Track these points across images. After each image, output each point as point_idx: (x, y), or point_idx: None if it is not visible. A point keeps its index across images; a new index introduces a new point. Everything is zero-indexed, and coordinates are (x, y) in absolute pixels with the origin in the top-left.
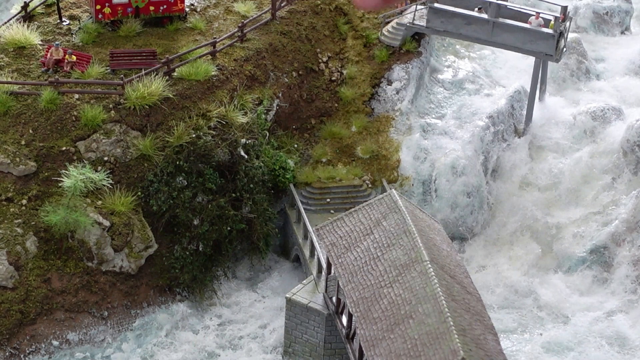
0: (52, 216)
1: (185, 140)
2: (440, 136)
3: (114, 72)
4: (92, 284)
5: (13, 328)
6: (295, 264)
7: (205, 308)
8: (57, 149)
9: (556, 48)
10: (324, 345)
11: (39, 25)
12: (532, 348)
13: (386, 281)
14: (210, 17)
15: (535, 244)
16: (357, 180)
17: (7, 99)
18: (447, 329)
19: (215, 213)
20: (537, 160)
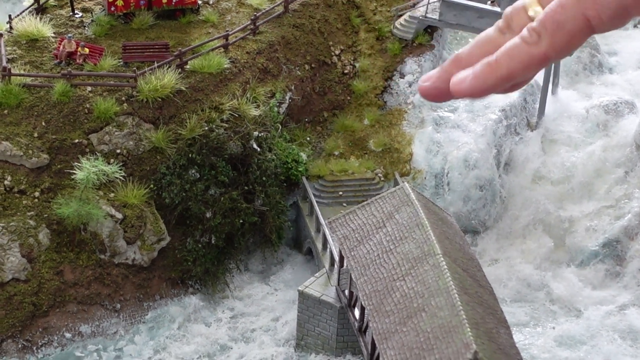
0: (64, 208)
1: (198, 133)
2: (452, 129)
3: (127, 64)
4: (104, 277)
5: (25, 320)
6: (307, 257)
7: (217, 301)
8: (69, 142)
9: None
10: (336, 338)
11: (51, 17)
12: (544, 341)
13: (399, 274)
14: (223, 9)
15: (547, 238)
16: (369, 174)
17: (20, 91)
18: (460, 322)
19: (228, 206)
20: (550, 153)
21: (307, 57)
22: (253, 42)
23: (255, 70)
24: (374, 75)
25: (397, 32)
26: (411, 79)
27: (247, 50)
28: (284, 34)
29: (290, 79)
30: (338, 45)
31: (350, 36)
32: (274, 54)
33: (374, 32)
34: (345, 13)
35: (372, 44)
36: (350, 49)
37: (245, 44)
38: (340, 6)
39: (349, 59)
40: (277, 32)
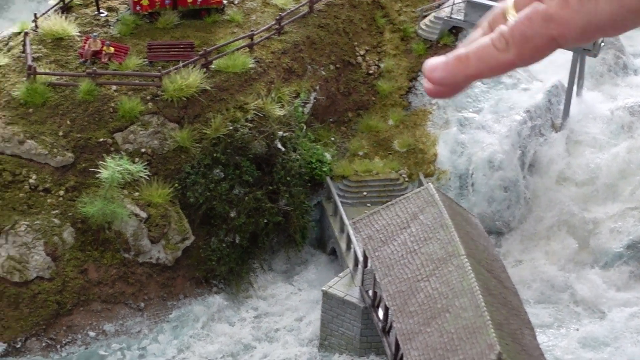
0: (89, 207)
1: (223, 133)
2: (477, 130)
3: (152, 64)
4: (128, 275)
5: (50, 319)
6: (331, 257)
7: (241, 300)
8: (94, 140)
9: (594, 43)
10: (359, 338)
11: (76, 16)
12: (568, 343)
13: (423, 275)
14: (248, 9)
15: (572, 239)
16: (393, 174)
17: (45, 89)
18: (484, 323)
19: (252, 205)
20: (574, 155)
21: (331, 57)
22: (278, 42)
23: (280, 70)
24: (399, 76)
25: (422, 32)
26: None
27: (272, 50)
28: (309, 34)
29: (315, 79)
30: (363, 45)
31: (375, 36)
32: (299, 54)
33: (399, 32)
34: (370, 13)
35: (397, 44)
36: (375, 49)
37: (270, 44)
38: (365, 6)
39: (374, 60)
40: (302, 32)
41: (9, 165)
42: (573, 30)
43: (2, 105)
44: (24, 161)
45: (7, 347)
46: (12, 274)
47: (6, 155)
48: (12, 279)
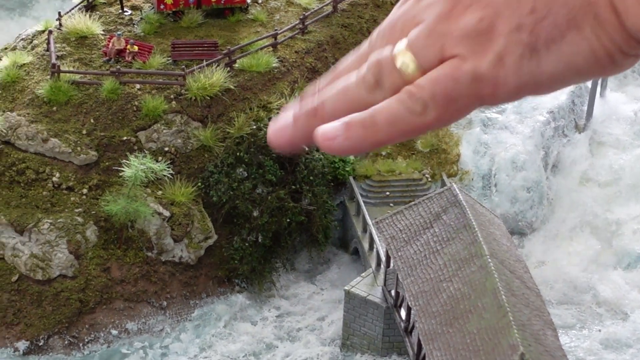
0: (112, 206)
1: (246, 132)
2: (500, 131)
3: (176, 62)
4: (151, 274)
5: (72, 317)
6: (354, 257)
7: (263, 299)
8: (118, 139)
9: None
10: (382, 338)
11: (100, 15)
12: (590, 344)
13: (446, 275)
14: (272, 9)
15: (594, 240)
16: (416, 174)
17: (69, 88)
18: (507, 324)
19: (275, 205)
20: (598, 156)
21: None
22: (302, 41)
23: (303, 69)
24: None
25: None
26: None
27: (296, 49)
28: (332, 34)
29: None
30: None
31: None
32: (323, 53)
33: None
34: None
35: None
36: None
37: (293, 43)
38: (389, 6)
39: None
40: (325, 32)
41: (32, 163)
42: (506, 90)
43: (26, 104)
44: (47, 159)
45: (30, 344)
46: (35, 272)
47: (30, 154)
48: (35, 277)
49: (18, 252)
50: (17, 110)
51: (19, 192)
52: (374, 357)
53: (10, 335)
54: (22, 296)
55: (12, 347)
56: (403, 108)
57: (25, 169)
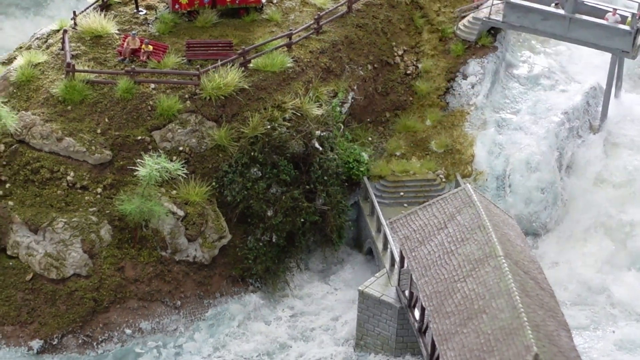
0: (126, 205)
1: (260, 132)
2: (515, 131)
3: (190, 62)
4: (165, 274)
5: (86, 316)
6: (368, 257)
7: (277, 299)
8: (132, 138)
9: (633, 45)
10: (395, 338)
11: (115, 14)
12: (604, 345)
13: (460, 275)
14: (287, 9)
15: (608, 241)
16: (431, 174)
17: (84, 87)
18: (521, 325)
19: (289, 204)
20: (612, 157)
21: (369, 57)
22: (316, 41)
23: (318, 69)
24: (437, 76)
25: (460, 33)
26: (474, 80)
27: (310, 49)
28: (347, 34)
29: (353, 79)
30: (401, 45)
31: (413, 37)
32: (337, 53)
33: (437, 32)
34: (409, 13)
35: (435, 44)
36: (413, 50)
37: (308, 43)
38: (404, 7)
39: (412, 60)
40: (340, 32)
41: (47, 162)
42: None
43: (40, 103)
44: (62, 158)
45: (44, 343)
46: (49, 271)
47: (44, 153)
48: (49, 275)
49: (32, 251)
50: (32, 110)
51: (33, 191)
52: (388, 357)
53: (25, 334)
54: (36, 295)
55: (26, 346)
56: None
57: (40, 168)
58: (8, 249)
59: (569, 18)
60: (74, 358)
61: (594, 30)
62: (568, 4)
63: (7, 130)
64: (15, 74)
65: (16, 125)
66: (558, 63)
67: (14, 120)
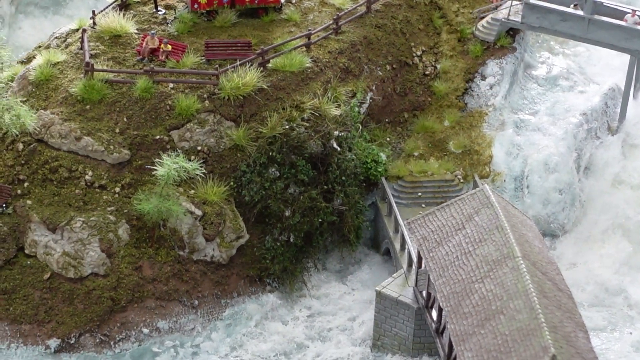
0: (144, 204)
1: (279, 132)
2: (533, 132)
3: (209, 62)
4: (183, 273)
5: (104, 315)
6: (385, 257)
7: (295, 299)
8: (150, 138)
9: None
10: (413, 339)
11: (134, 14)
12: (621, 347)
13: (477, 276)
14: (305, 9)
15: (626, 243)
16: (449, 175)
17: (103, 86)
18: (538, 326)
19: (307, 204)
20: (630, 158)
21: (388, 57)
22: (335, 41)
23: (336, 69)
24: (455, 77)
25: (479, 33)
26: (492, 81)
27: (329, 49)
28: (366, 34)
29: (372, 79)
30: (420, 46)
31: (432, 37)
32: (356, 53)
33: (456, 33)
34: (428, 14)
35: (454, 45)
36: (432, 50)
37: (327, 44)
38: (423, 7)
39: (430, 60)
40: (359, 32)
41: (65, 161)
42: None
43: (59, 102)
44: (80, 157)
45: (61, 342)
46: (67, 270)
47: (63, 152)
48: (67, 274)
49: (50, 250)
50: (51, 109)
51: (51, 190)
52: (405, 357)
53: (42, 333)
54: (53, 294)
55: (43, 345)
56: None
57: (58, 167)
58: (26, 247)
59: (588, 19)
60: (91, 357)
61: (613, 31)
62: (587, 5)
63: (25, 129)
64: (34, 73)
65: (35, 124)
66: (577, 64)
67: (32, 119)
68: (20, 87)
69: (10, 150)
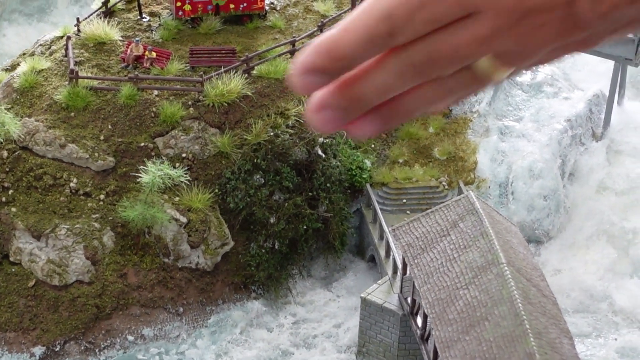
0: (129, 211)
1: (263, 139)
2: (517, 139)
3: (194, 69)
4: (167, 280)
5: (89, 322)
6: (370, 264)
7: (280, 306)
8: (135, 145)
9: (636, 52)
10: (398, 345)
11: (119, 21)
12: (606, 353)
13: (462, 283)
14: (290, 15)
15: (611, 249)
16: (433, 182)
17: (87, 94)
18: (523, 332)
19: (292, 211)
20: (615, 164)
21: None
22: None
23: None
24: None
25: None
26: None
27: None
28: None
29: None
30: None
31: None
32: None
33: None
34: None
35: None
36: None
37: None
38: None
39: None
40: None
41: (50, 168)
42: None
43: (44, 109)
44: (65, 165)
45: (46, 350)
46: (52, 278)
47: (47, 159)
48: (52, 282)
49: (35, 258)
50: (35, 116)
51: (36, 198)
52: None
53: (27, 341)
54: (38, 301)
55: (28, 353)
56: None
57: (43, 175)
58: (11, 255)
59: None
60: None
61: None
62: None
63: (10, 136)
64: (18, 81)
65: (19, 131)
66: (561, 70)
67: (17, 126)
68: (5, 94)
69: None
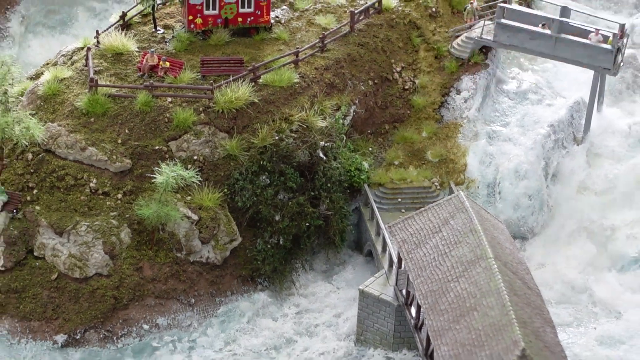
0: (145, 210)
1: (269, 142)
2: (504, 142)
3: (204, 78)
4: (180, 273)
5: (107, 312)
6: (368, 259)
7: (284, 297)
8: (150, 148)
9: (614, 62)
10: (393, 334)
11: (135, 33)
12: (586, 341)
13: (453, 276)
14: (294, 28)
15: (591, 244)
16: (426, 182)
17: (106, 101)
18: (509, 321)
19: (295, 210)
20: (594, 166)
21: (370, 73)
22: (321, 58)
23: (322, 84)
24: (432, 91)
25: (454, 51)
26: (467, 95)
27: (316, 66)
28: (349, 52)
29: (355, 94)
30: (399, 62)
31: (410, 54)
32: (340, 70)
33: (433, 51)
34: (407, 33)
35: (431, 62)
36: (411, 67)
37: (313, 61)
38: (402, 27)
39: (409, 76)
40: (343, 50)
41: (71, 170)
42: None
43: (65, 115)
44: (85, 166)
45: (68, 338)
46: (73, 271)
47: (69, 161)
48: (73, 275)
49: (57, 252)
50: (58, 121)
51: (58, 197)
52: (386, 351)
53: (50, 329)
54: (60, 293)
55: (51, 340)
56: None
57: (65, 176)
58: (35, 250)
59: (555, 38)
60: (95, 351)
61: (578, 49)
62: (554, 25)
63: (34, 140)
64: (42, 88)
65: (43, 135)
66: (545, 79)
67: (41, 131)
68: (30, 101)
69: (20, 160)
